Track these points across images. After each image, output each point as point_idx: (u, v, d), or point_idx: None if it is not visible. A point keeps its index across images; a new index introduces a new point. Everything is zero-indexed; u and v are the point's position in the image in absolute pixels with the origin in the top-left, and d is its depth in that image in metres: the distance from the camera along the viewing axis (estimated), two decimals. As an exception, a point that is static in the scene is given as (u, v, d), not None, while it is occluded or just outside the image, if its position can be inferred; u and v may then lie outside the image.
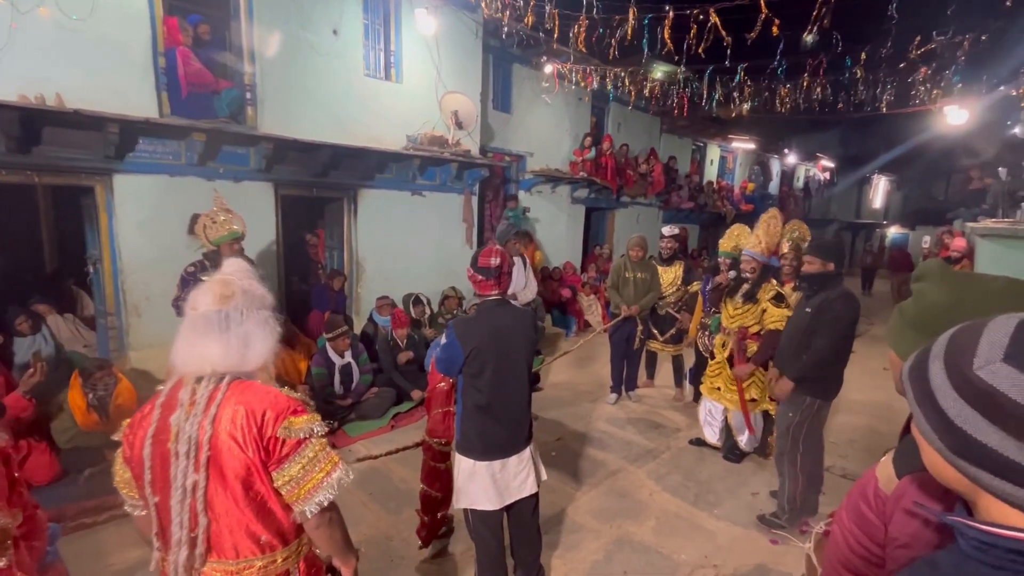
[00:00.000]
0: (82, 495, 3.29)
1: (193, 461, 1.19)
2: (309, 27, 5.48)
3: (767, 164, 17.27)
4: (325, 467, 1.25)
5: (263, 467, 1.21)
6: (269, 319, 1.34)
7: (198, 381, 1.24)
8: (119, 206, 4.50)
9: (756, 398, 3.88)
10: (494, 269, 2.28)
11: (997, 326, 0.63)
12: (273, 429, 1.21)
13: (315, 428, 1.26)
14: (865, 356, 7.41)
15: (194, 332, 1.24)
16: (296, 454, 1.22)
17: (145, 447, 1.23)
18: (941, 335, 0.69)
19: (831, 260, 3.03)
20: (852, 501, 1.13)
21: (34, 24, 3.91)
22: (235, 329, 1.25)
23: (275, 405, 1.23)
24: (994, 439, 0.58)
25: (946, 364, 0.64)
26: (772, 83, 7.50)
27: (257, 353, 1.28)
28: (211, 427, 1.19)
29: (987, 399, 0.59)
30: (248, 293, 1.32)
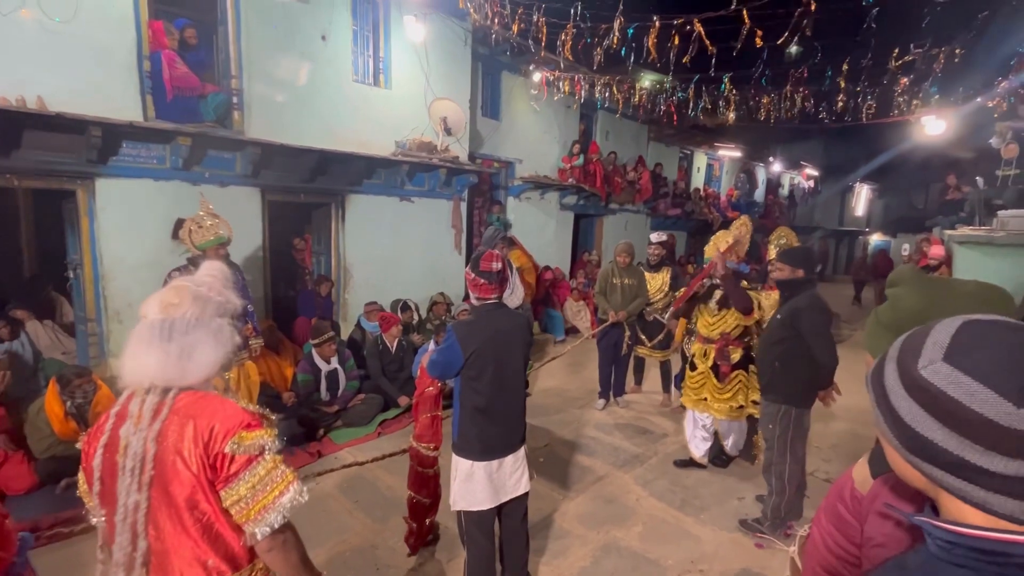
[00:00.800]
0: (58, 505, 3.21)
1: (137, 480, 1.12)
2: (297, 33, 5.47)
3: (753, 172, 17.54)
4: (277, 486, 1.17)
5: (210, 486, 1.14)
6: (223, 329, 1.25)
7: (147, 392, 1.18)
8: (101, 210, 4.44)
9: (743, 404, 3.85)
10: (496, 273, 2.34)
11: (942, 327, 0.65)
12: (221, 444, 1.13)
13: (268, 444, 1.17)
14: (849, 361, 7.50)
15: (137, 341, 1.18)
16: (246, 472, 1.14)
17: (95, 458, 1.18)
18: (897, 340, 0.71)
19: (799, 266, 3.08)
20: (830, 502, 1.15)
21: (15, 26, 3.86)
22: (178, 340, 1.17)
23: (225, 419, 1.15)
24: (939, 436, 0.60)
25: (898, 365, 0.67)
26: (757, 93, 7.64)
27: (200, 365, 1.20)
28: (155, 444, 1.13)
29: (930, 397, 0.61)
30: (202, 300, 1.24)
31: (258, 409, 1.23)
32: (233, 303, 1.33)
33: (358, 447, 4.35)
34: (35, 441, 3.55)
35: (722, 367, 3.82)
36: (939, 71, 6.12)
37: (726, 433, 4.00)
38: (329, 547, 3.02)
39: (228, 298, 1.31)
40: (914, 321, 1.00)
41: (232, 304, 1.32)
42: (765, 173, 18.23)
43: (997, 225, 4.96)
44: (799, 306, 3.00)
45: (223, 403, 1.19)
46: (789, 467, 3.09)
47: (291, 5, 5.40)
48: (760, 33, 5.10)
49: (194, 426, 1.13)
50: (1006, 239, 4.36)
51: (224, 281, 1.35)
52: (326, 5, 5.69)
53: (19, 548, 1.35)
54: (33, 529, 2.87)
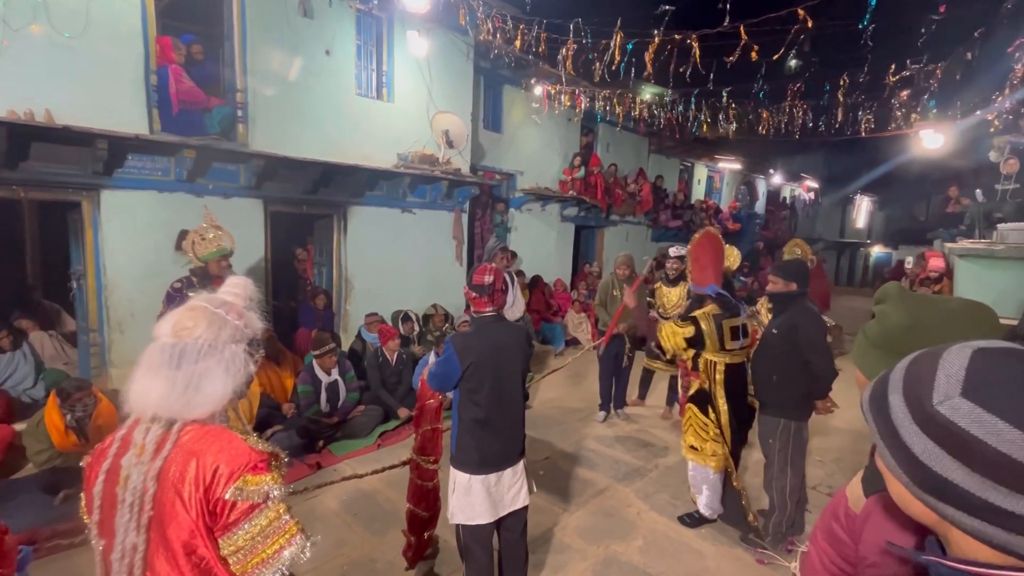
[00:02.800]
0: (56, 517, 3.20)
1: (135, 519, 1.06)
2: (302, 47, 5.56)
3: (753, 184, 17.61)
4: (278, 540, 1.08)
5: (208, 532, 1.07)
6: (237, 357, 1.16)
7: (152, 421, 1.11)
8: (106, 222, 4.48)
9: (695, 446, 3.31)
10: (487, 287, 2.34)
11: (952, 357, 0.61)
12: (223, 489, 1.05)
13: (273, 492, 1.09)
14: (850, 374, 7.50)
15: (147, 365, 1.12)
16: (246, 521, 1.06)
17: (97, 484, 1.12)
18: (897, 365, 0.69)
19: (793, 280, 3.08)
20: (825, 520, 1.15)
21: (25, 41, 3.93)
22: (187, 368, 1.10)
23: (231, 459, 1.07)
24: (959, 475, 0.56)
25: (906, 398, 0.63)
26: (756, 106, 7.72)
27: (206, 398, 1.11)
28: (155, 482, 1.06)
29: (949, 435, 0.57)
30: (217, 324, 1.15)
31: (269, 447, 1.14)
32: (252, 327, 1.23)
33: (357, 459, 4.33)
34: (33, 453, 3.56)
35: (680, 397, 3.70)
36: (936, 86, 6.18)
37: (696, 484, 3.46)
38: (327, 561, 3.00)
39: (247, 321, 1.22)
40: (901, 337, 1.01)
41: (251, 328, 1.23)
42: (766, 185, 18.30)
43: (997, 238, 4.98)
44: (796, 320, 3.01)
45: (230, 440, 1.10)
46: (790, 482, 3.08)
47: (296, 20, 5.49)
48: (756, 48, 5.17)
49: (196, 465, 1.06)
50: (1006, 252, 4.37)
51: (247, 301, 1.27)
52: (331, 20, 5.79)
53: (19, 564, 1.35)
54: (30, 541, 2.86)
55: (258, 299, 1.32)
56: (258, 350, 1.27)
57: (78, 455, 3.47)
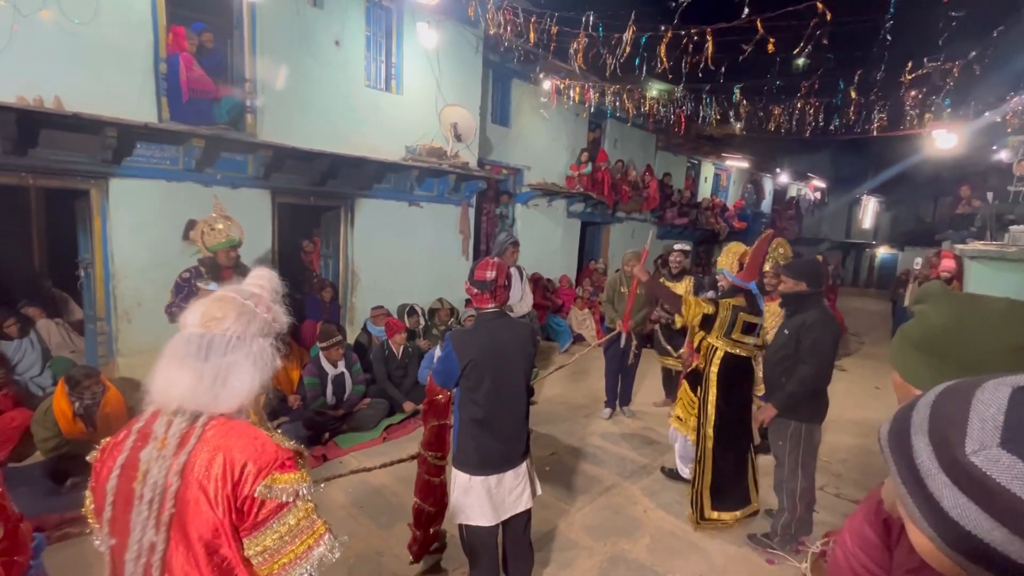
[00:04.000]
0: (65, 505, 3.20)
1: (155, 517, 1.02)
2: (311, 38, 5.52)
3: (760, 183, 17.53)
4: (307, 540, 1.06)
5: (233, 531, 1.03)
6: (265, 351, 1.13)
7: (175, 414, 1.07)
8: (114, 210, 4.47)
9: (681, 416, 3.75)
10: (489, 282, 2.27)
11: (987, 396, 0.54)
12: (252, 487, 1.02)
13: (302, 490, 1.06)
14: (858, 375, 7.47)
15: (172, 355, 1.08)
16: (275, 520, 1.04)
17: (111, 479, 1.07)
18: (920, 400, 0.61)
19: (802, 279, 3.01)
20: (856, 524, 1.12)
21: (35, 27, 3.90)
22: (214, 360, 1.07)
23: (259, 456, 1.04)
24: (997, 537, 0.49)
25: (932, 442, 0.56)
26: (766, 103, 7.64)
27: (234, 392, 1.09)
28: (179, 478, 1.02)
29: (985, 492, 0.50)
30: (247, 317, 1.12)
31: (294, 446, 1.12)
32: (280, 321, 1.20)
33: (363, 452, 4.33)
34: (41, 440, 3.56)
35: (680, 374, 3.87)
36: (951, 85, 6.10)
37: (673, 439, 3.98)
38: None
39: (275, 315, 1.19)
40: (944, 339, 0.98)
41: (279, 323, 1.20)
42: (772, 184, 18.21)
43: (1009, 240, 4.93)
44: (807, 321, 2.96)
45: (256, 436, 1.07)
46: (800, 484, 3.05)
47: (306, 10, 5.45)
48: (772, 43, 5.10)
49: (223, 461, 1.02)
50: (1018, 254, 4.33)
51: (273, 294, 1.23)
52: (340, 11, 5.74)
53: (34, 551, 1.34)
54: (39, 529, 2.86)
55: (283, 292, 1.29)
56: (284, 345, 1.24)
57: (85, 443, 3.49)
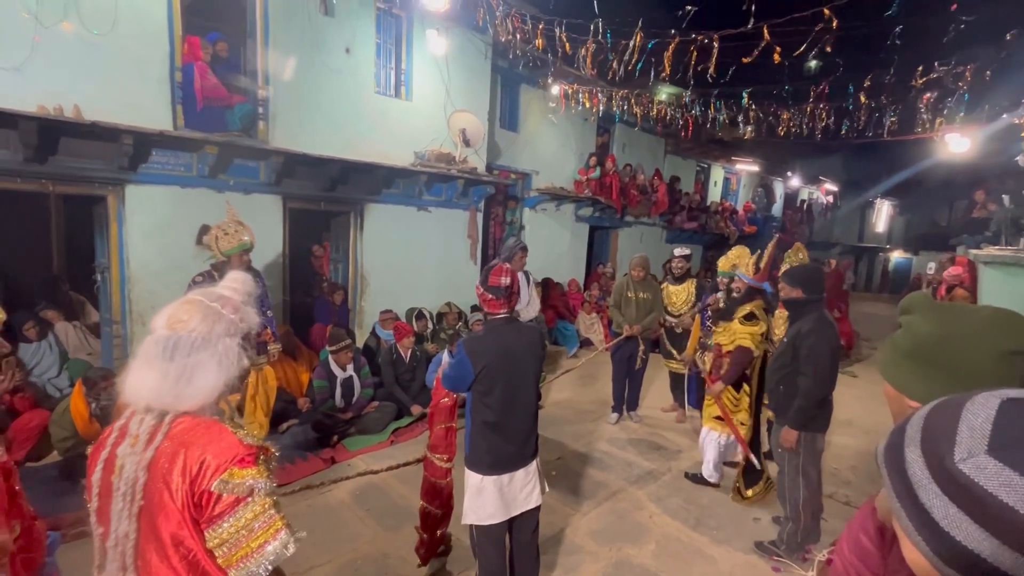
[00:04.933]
0: (80, 504, 3.27)
1: (128, 508, 1.08)
2: (323, 45, 5.61)
3: (771, 186, 17.40)
4: (262, 535, 1.08)
5: (194, 523, 1.07)
6: (230, 351, 1.16)
7: (146, 411, 1.12)
8: (130, 216, 4.57)
9: (722, 417, 3.83)
10: (504, 288, 2.32)
11: (976, 408, 0.54)
12: (209, 481, 1.05)
13: (259, 485, 1.08)
14: (869, 381, 7.37)
15: (142, 356, 1.13)
16: (231, 514, 1.06)
17: (96, 473, 1.14)
18: (915, 414, 0.62)
19: (798, 286, 2.97)
20: (852, 532, 1.13)
21: (56, 38, 4.02)
22: (180, 360, 1.10)
23: (218, 452, 1.07)
24: (987, 548, 0.49)
25: (924, 452, 0.56)
26: (776, 107, 7.60)
27: (198, 390, 1.12)
28: (146, 472, 1.07)
29: (973, 500, 0.50)
30: (212, 318, 1.16)
31: (257, 441, 1.14)
32: (248, 322, 1.24)
33: (371, 455, 4.37)
34: (58, 440, 3.65)
35: (711, 376, 3.85)
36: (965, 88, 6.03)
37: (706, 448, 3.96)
38: (341, 554, 3.04)
39: (243, 315, 1.23)
40: (935, 348, 0.99)
41: (246, 323, 1.23)
42: (783, 187, 18.06)
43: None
44: (804, 329, 2.92)
45: (220, 433, 1.11)
46: (803, 493, 3.02)
47: (317, 18, 5.54)
48: (779, 49, 5.09)
49: (185, 457, 1.07)
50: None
51: (244, 296, 1.27)
52: (351, 18, 5.83)
53: (48, 549, 1.38)
54: (54, 527, 2.92)
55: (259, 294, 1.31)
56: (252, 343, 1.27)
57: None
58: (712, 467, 3.95)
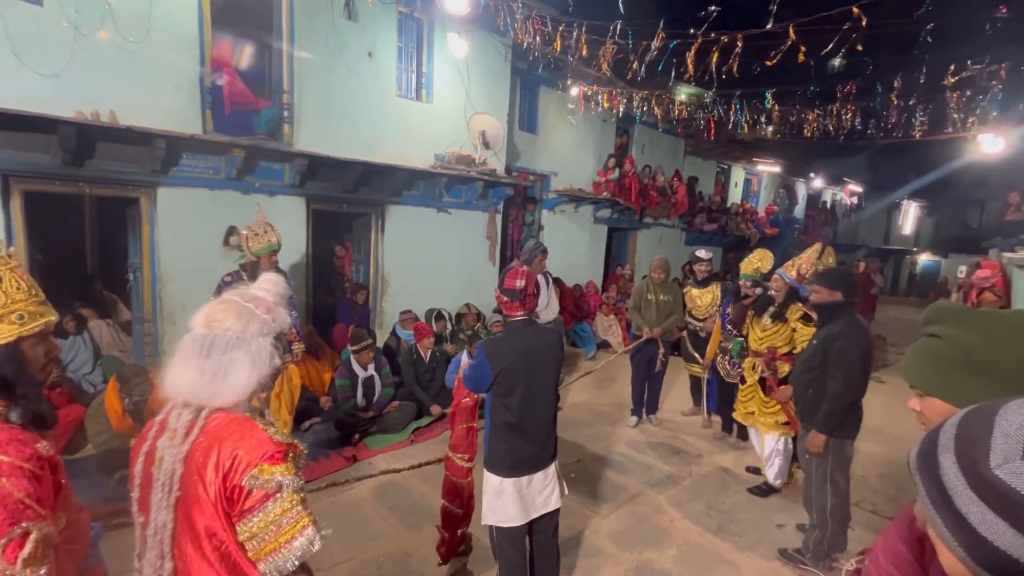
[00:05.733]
0: (113, 496, 3.38)
1: (166, 498, 1.12)
2: (346, 50, 5.70)
3: (793, 187, 17.09)
4: (290, 531, 1.11)
5: (225, 516, 1.11)
6: (263, 350, 1.20)
7: (183, 406, 1.17)
8: (161, 217, 4.71)
9: (790, 421, 3.77)
10: (519, 291, 2.33)
11: (1010, 414, 0.55)
12: (240, 476, 1.09)
13: (287, 481, 1.11)
14: (897, 387, 7.19)
15: (180, 353, 1.18)
16: (260, 509, 1.09)
17: (138, 463, 1.19)
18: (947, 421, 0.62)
19: (837, 289, 2.92)
20: (889, 541, 1.11)
21: (94, 46, 4.17)
22: (216, 357, 1.15)
23: (250, 448, 1.10)
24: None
25: (958, 459, 0.56)
26: (801, 107, 7.47)
27: (232, 387, 1.16)
28: (182, 464, 1.12)
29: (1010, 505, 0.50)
30: (246, 318, 1.20)
31: (287, 438, 1.16)
32: (280, 322, 1.27)
33: (392, 454, 4.42)
34: (94, 434, 3.78)
35: (768, 380, 3.76)
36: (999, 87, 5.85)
37: (770, 457, 3.88)
38: (364, 552, 3.08)
39: (275, 315, 1.26)
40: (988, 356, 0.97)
41: (279, 323, 1.26)
42: (806, 188, 17.72)
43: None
44: (834, 332, 2.87)
45: (252, 429, 1.14)
46: (830, 500, 2.96)
47: (341, 23, 5.63)
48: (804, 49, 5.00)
49: (218, 451, 1.10)
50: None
51: (276, 297, 1.30)
52: (374, 23, 5.92)
53: (92, 540, 1.42)
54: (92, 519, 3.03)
55: (289, 295, 1.36)
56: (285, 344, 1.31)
57: (133, 438, 3.68)
58: (778, 471, 3.89)
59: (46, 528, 1.13)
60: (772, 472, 3.91)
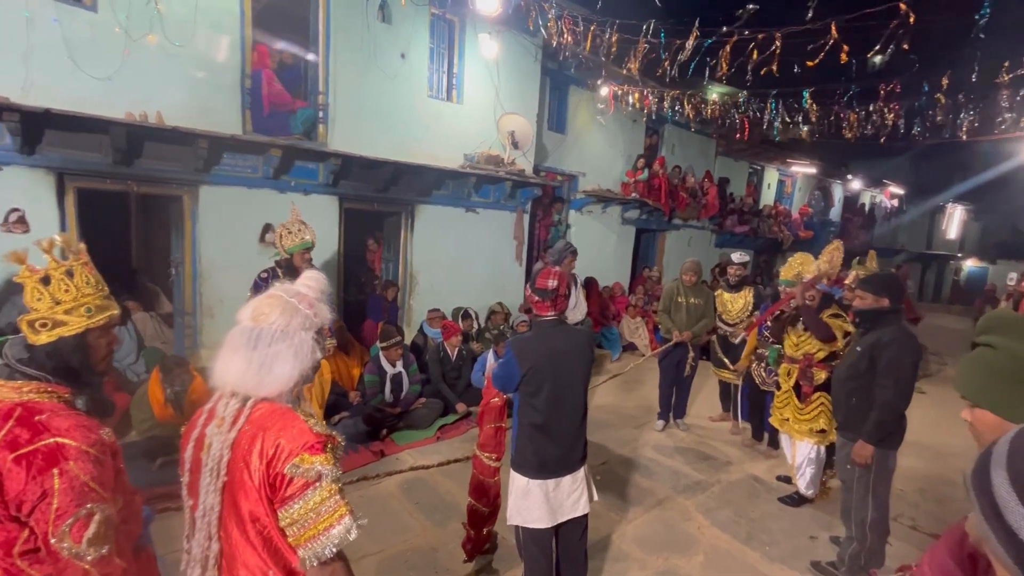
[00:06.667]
0: (154, 481, 3.52)
1: (214, 482, 1.18)
2: (379, 51, 5.80)
3: (829, 189, 16.56)
4: (328, 519, 1.14)
5: (268, 502, 1.15)
6: (305, 344, 1.25)
7: (231, 396, 1.22)
8: (202, 215, 4.88)
9: (825, 428, 3.65)
10: (551, 291, 2.33)
11: None
12: (282, 464, 1.13)
13: (326, 471, 1.15)
14: (938, 399, 6.90)
15: (229, 345, 1.23)
16: (301, 497, 1.13)
17: (188, 449, 1.26)
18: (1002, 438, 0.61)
19: (885, 295, 2.82)
20: (938, 557, 1.08)
21: (143, 50, 4.35)
22: (262, 349, 1.20)
23: (292, 438, 1.15)
24: None
25: (1010, 475, 0.56)
26: (840, 107, 7.21)
27: (276, 378, 1.21)
28: (229, 451, 1.17)
29: None
30: (290, 312, 1.25)
31: (326, 430, 1.21)
32: (321, 317, 1.32)
33: (418, 450, 4.48)
34: (138, 422, 3.95)
35: (804, 387, 3.67)
36: (1057, 84, 5.54)
37: (801, 466, 3.78)
38: (392, 545, 3.13)
39: (317, 311, 1.31)
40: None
41: (320, 318, 1.31)
42: (842, 190, 17.14)
43: None
44: (884, 339, 2.77)
45: (294, 420, 1.19)
46: (871, 513, 2.87)
47: (375, 25, 5.74)
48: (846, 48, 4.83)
49: (263, 440, 1.15)
50: None
51: (319, 293, 1.36)
52: (407, 25, 6.00)
53: (144, 522, 1.50)
54: (136, 501, 3.17)
55: (329, 292, 1.41)
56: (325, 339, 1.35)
57: (174, 426, 3.83)
58: (810, 481, 3.79)
59: (108, 510, 1.19)
60: (803, 482, 3.81)
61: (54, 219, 4.17)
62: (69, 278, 1.27)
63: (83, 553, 1.13)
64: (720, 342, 5.20)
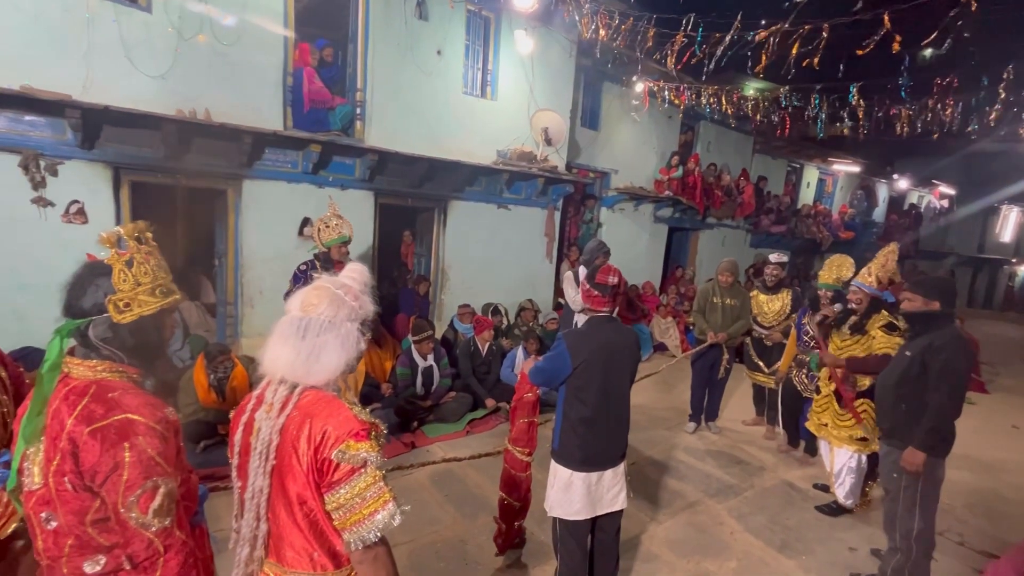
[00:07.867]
0: (197, 464, 3.68)
1: (263, 466, 1.21)
2: (416, 48, 5.86)
3: (873, 188, 15.88)
4: (373, 504, 1.18)
5: (315, 486, 1.19)
6: (351, 334, 1.29)
7: (279, 383, 1.26)
8: (245, 208, 5.05)
9: (866, 437, 3.51)
10: (611, 287, 2.38)
11: None
12: (329, 450, 1.17)
13: (371, 458, 1.18)
14: (990, 410, 6.56)
15: (278, 334, 1.26)
16: (347, 483, 1.17)
17: (237, 433, 1.30)
18: None
19: (935, 298, 2.70)
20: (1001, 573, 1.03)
21: (193, 49, 4.52)
22: (310, 339, 1.23)
23: (338, 424, 1.18)
24: None
25: None
26: (889, 103, 6.89)
27: (324, 367, 1.24)
28: (278, 435, 1.21)
29: None
30: (337, 303, 1.28)
31: (370, 418, 1.24)
32: (366, 309, 1.36)
33: (448, 443, 4.53)
34: (184, 405, 4.11)
35: (845, 393, 3.54)
36: None
37: (840, 474, 3.65)
38: (423, 536, 3.19)
39: (362, 303, 1.34)
40: None
41: (364, 310, 1.35)
42: (887, 190, 16.41)
43: None
44: (938, 343, 2.65)
45: (340, 408, 1.22)
46: (917, 524, 2.75)
47: (413, 23, 5.80)
48: (899, 38, 4.60)
49: (310, 426, 1.18)
50: None
51: (363, 286, 1.39)
52: (444, 22, 6.05)
53: (200, 499, 1.57)
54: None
55: (372, 284, 1.44)
56: (369, 330, 1.39)
57: (216, 411, 3.99)
58: (849, 490, 3.64)
59: (171, 484, 1.26)
60: (842, 491, 3.67)
61: (110, 211, 4.39)
62: (148, 262, 1.35)
63: (148, 523, 1.20)
64: (755, 345, 5.07)
